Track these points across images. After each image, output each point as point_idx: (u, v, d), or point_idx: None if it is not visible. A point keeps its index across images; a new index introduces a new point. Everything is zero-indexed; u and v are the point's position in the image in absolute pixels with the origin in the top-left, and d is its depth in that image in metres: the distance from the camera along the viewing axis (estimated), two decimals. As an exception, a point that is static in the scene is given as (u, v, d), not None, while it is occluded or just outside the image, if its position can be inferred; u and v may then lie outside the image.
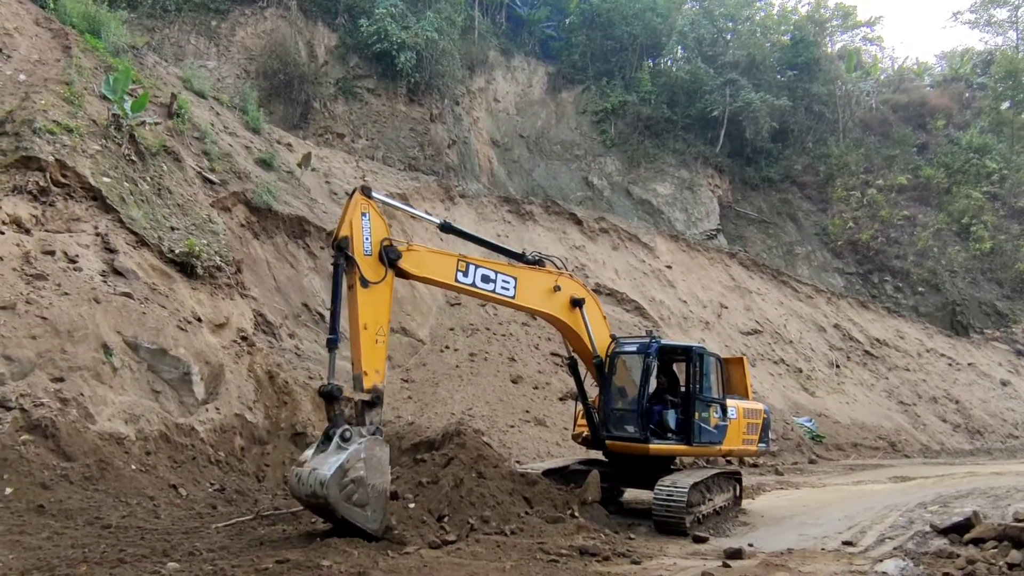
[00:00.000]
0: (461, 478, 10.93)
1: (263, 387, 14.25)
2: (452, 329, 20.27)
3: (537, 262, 11.94)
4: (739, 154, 37.15)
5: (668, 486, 11.17)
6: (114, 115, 15.42)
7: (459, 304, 21.39)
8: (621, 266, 27.42)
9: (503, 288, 11.16)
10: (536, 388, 18.87)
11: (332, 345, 9.62)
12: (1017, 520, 9.85)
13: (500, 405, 17.78)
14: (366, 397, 9.61)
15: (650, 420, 12.03)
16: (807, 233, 36.75)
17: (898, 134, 42.07)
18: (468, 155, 28.36)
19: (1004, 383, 32.45)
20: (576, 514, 10.80)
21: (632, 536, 10.78)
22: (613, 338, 12.70)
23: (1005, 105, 46.72)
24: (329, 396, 9.30)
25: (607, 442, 12.29)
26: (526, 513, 10.74)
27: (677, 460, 13.58)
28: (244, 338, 14.74)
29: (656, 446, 11.94)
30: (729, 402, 12.91)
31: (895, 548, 10.42)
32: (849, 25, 48.23)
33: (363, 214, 9.80)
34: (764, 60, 38.94)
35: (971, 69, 52.56)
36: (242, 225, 17.50)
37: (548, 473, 12.15)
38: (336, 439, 9.09)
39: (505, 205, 27.29)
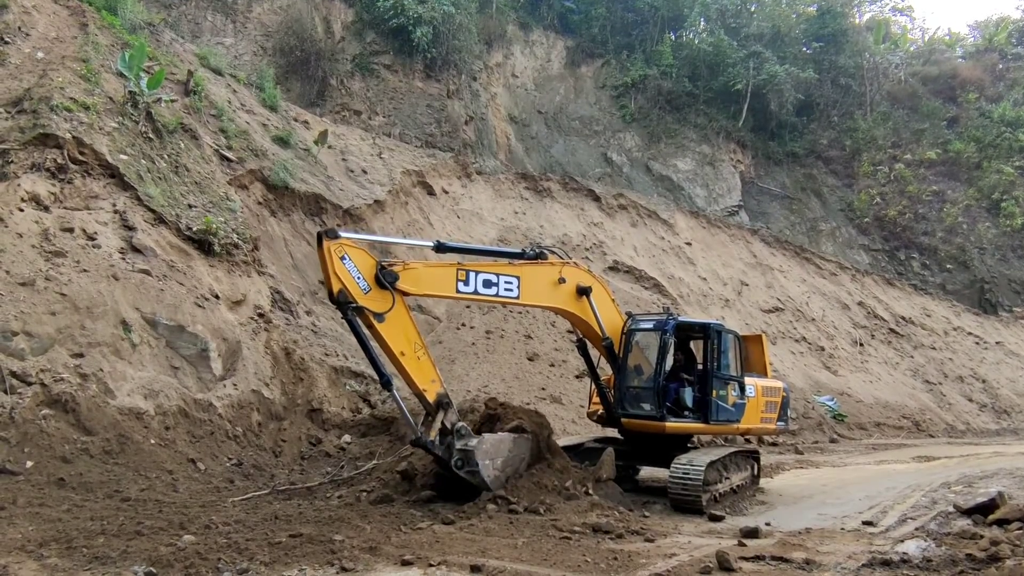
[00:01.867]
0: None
1: (280, 363, 14.32)
2: (468, 307, 20.19)
3: (539, 256, 11.70)
4: (762, 129, 36.45)
5: (684, 464, 11.08)
6: (130, 92, 15.43)
7: (477, 282, 21.33)
8: (640, 243, 27.13)
9: (507, 290, 11.04)
10: (552, 366, 18.79)
11: (388, 387, 10.20)
12: (1043, 501, 9.62)
13: (516, 383, 17.74)
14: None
15: (667, 398, 11.90)
16: (832, 209, 36.08)
17: (927, 107, 40.99)
18: (485, 131, 28.09)
19: (1033, 362, 31.82)
20: (590, 492, 10.77)
21: (647, 514, 10.73)
22: (629, 315, 12.59)
23: (1040, 76, 45.29)
24: (425, 447, 10.11)
25: (622, 420, 12.23)
26: (544, 489, 10.73)
27: (695, 438, 13.48)
28: (261, 315, 14.81)
29: (672, 424, 11.83)
30: (747, 380, 12.74)
31: (916, 528, 10.23)
32: (877, -4, 46.90)
33: (342, 258, 9.71)
34: (789, 32, 38.03)
35: (1006, 39, 50.85)
36: (259, 203, 17.52)
37: (563, 450, 12.07)
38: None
39: (523, 182, 27.06)
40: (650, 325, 12.31)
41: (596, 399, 12.85)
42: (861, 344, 28.21)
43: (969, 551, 8.08)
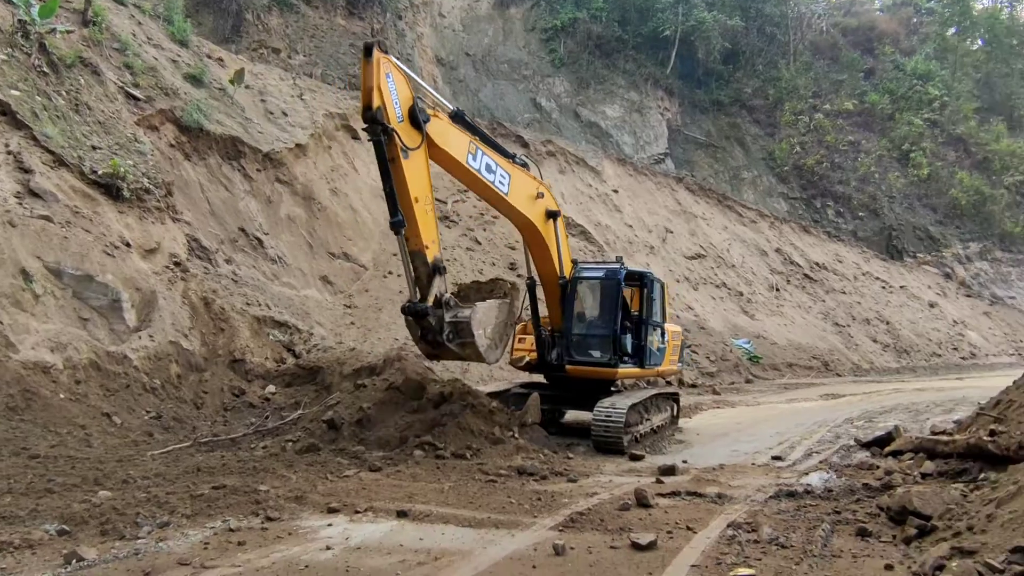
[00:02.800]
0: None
1: (199, 314, 13.86)
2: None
3: (523, 165, 11.71)
4: (690, 76, 36.75)
5: (607, 407, 11.41)
6: (20, 21, 14.19)
7: (403, 228, 21.02)
8: (568, 190, 27.21)
9: (500, 182, 10.97)
10: (481, 312, 18.86)
11: (399, 227, 9.45)
12: (933, 433, 10.36)
13: (443, 331, 17.73)
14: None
15: (620, 345, 12.18)
16: (754, 158, 36.99)
17: (846, 58, 42.16)
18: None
19: (932, 305, 33.93)
20: (516, 436, 10.98)
21: (571, 456, 11.03)
22: (574, 262, 12.69)
23: (951, 31, 47.12)
24: (419, 314, 9.62)
25: (568, 367, 12.27)
26: (470, 434, 10.88)
27: (619, 382, 13.87)
28: (177, 263, 14.22)
29: (622, 370, 12.21)
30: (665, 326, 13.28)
31: (820, 461, 10.92)
32: (803, -56, 47.39)
33: (387, 76, 9.10)
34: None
35: (920, -7, 52.58)
36: (171, 145, 16.60)
37: (490, 396, 12.23)
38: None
39: (450, 126, 26.56)
40: (600, 273, 12.48)
41: (520, 345, 12.92)
42: (777, 289, 29.42)
43: (866, 481, 8.69)
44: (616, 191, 28.97)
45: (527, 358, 12.81)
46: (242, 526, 6.91)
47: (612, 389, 13.05)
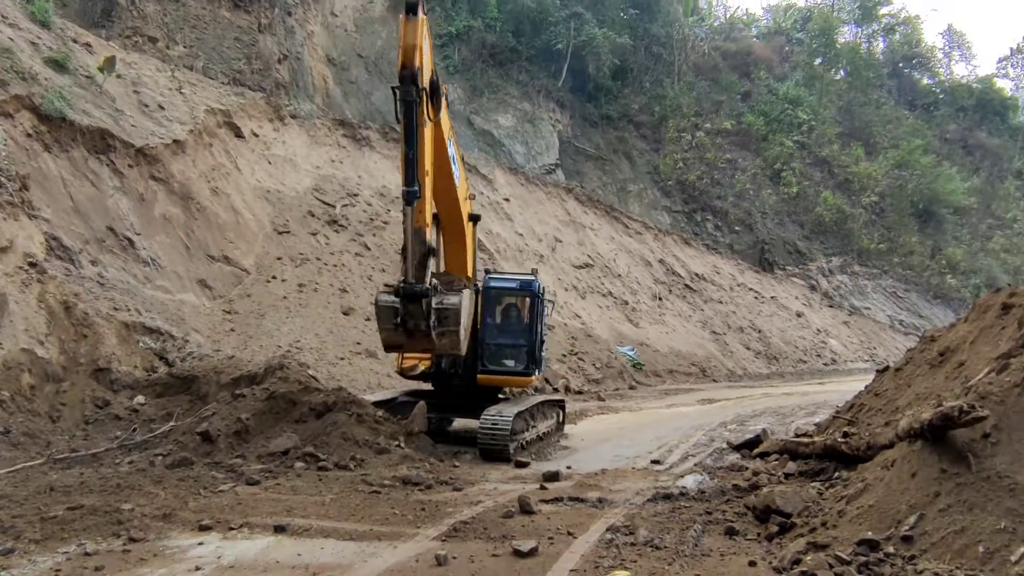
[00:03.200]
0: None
1: (57, 319, 12.79)
2: (280, 258, 19.25)
3: None
4: (581, 90, 37.72)
5: (494, 415, 11.46)
6: None
7: (288, 232, 20.32)
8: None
9: (457, 174, 10.91)
10: (369, 320, 18.45)
11: (413, 198, 8.81)
12: (796, 435, 11.07)
13: (330, 337, 17.29)
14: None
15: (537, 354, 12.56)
16: (640, 171, 38.39)
17: (726, 81, 44.58)
18: (301, 72, 26.45)
19: (799, 314, 36.39)
20: (402, 445, 10.84)
21: (457, 464, 11.01)
22: (486, 272, 13.04)
23: (818, 61, 50.90)
24: (417, 296, 9.09)
25: (479, 376, 12.41)
26: (355, 444, 10.64)
27: (507, 389, 14.02)
28: (33, 264, 13.06)
29: (533, 378, 12.69)
30: None
31: (695, 464, 11.45)
32: (689, -31, 49.84)
33: (424, 38, 8.86)
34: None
35: (792, 24, 56.49)
36: (28, 135, 15.27)
37: (376, 405, 12.02)
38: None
39: (340, 129, 25.96)
40: (516, 284, 12.79)
41: (413, 353, 12.71)
42: (660, 298, 30.64)
43: (735, 482, 9.17)
44: (507, 200, 29.26)
45: (420, 367, 12.65)
46: (100, 549, 6.44)
47: (500, 397, 13.15)
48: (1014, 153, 58.44)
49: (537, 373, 13.02)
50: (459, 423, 13.78)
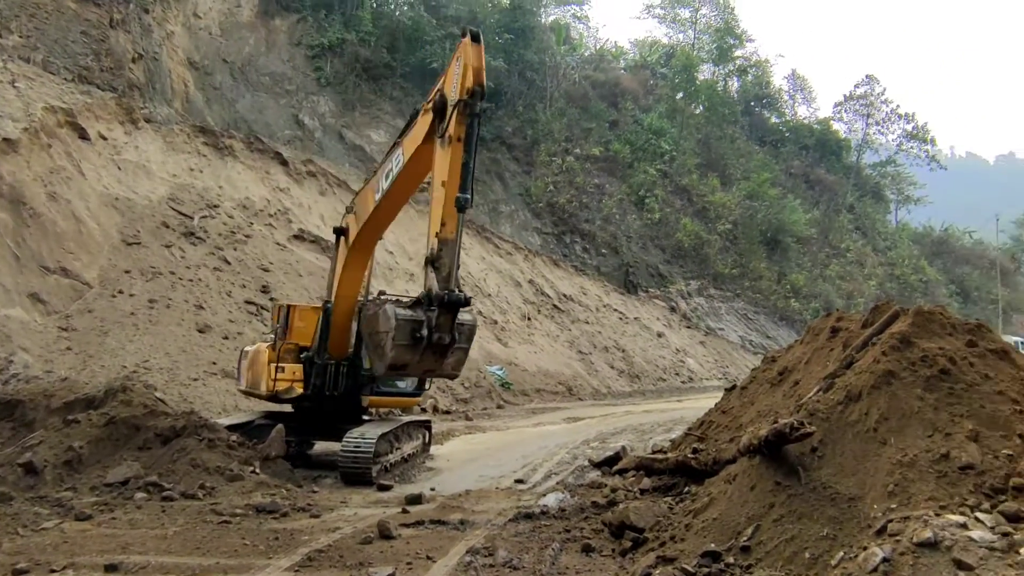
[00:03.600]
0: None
1: None
2: (128, 272, 17.87)
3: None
4: (455, 110, 37.93)
5: (356, 437, 11.15)
6: None
7: (138, 244, 18.93)
8: (328, 213, 26.51)
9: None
10: (226, 338, 17.54)
11: (466, 205, 9.12)
12: (653, 452, 11.53)
13: (183, 357, 16.20)
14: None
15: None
16: (512, 193, 39.06)
17: (595, 109, 46.41)
18: (158, 74, 24.88)
19: (660, 335, 38.19)
20: (257, 471, 10.31)
21: (316, 489, 10.61)
22: (382, 293, 12.68)
23: (679, 95, 54.20)
24: (456, 304, 9.08)
25: (370, 398, 12.50)
26: (205, 472, 10.01)
27: (375, 410, 13.76)
28: None
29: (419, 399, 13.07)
30: None
31: (557, 483, 11.62)
32: (562, 1, 51.75)
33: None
34: (485, 19, 40.02)
35: (656, 59, 59.90)
36: None
37: (229, 429, 11.38)
38: None
39: (201, 136, 24.60)
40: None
41: (286, 375, 12.06)
42: (529, 318, 31.18)
43: (595, 499, 9.38)
44: (379, 216, 28.79)
45: (296, 389, 12.04)
46: None
47: (364, 418, 12.82)
48: (847, 189, 64.64)
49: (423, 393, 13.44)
50: (320, 446, 13.31)
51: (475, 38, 9.68)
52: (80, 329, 15.61)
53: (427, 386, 13.59)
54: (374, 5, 37.22)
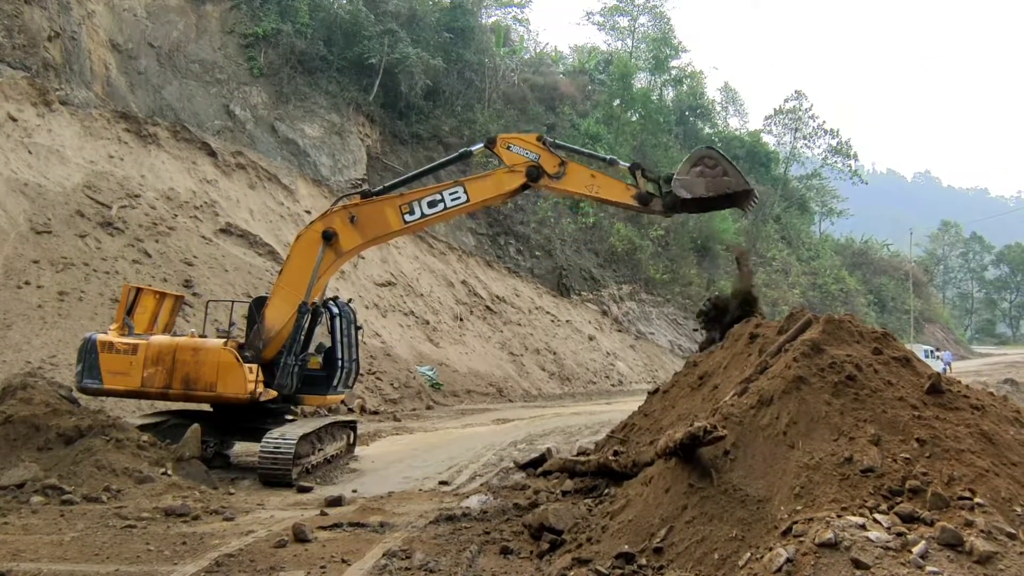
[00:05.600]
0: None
1: None
2: (36, 262, 16.93)
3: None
4: (392, 107, 37.54)
5: (276, 438, 10.86)
6: None
7: (48, 232, 17.97)
8: (257, 207, 25.81)
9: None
10: (144, 333, 16.81)
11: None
12: (578, 454, 11.61)
13: (95, 352, 15.42)
14: None
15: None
16: (448, 193, 38.79)
17: (533, 112, 46.66)
18: (77, 54, 23.66)
19: (591, 338, 38.65)
20: (169, 472, 9.90)
21: (232, 491, 10.28)
22: (335, 298, 13.25)
23: (616, 102, 55.00)
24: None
25: (329, 397, 12.86)
26: (111, 474, 9.55)
27: (301, 409, 13.48)
28: None
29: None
30: None
31: (481, 484, 11.57)
32: (502, 2, 51.89)
33: (508, 147, 11.83)
34: (424, 17, 39.71)
35: (595, 66, 60.67)
36: None
37: (141, 429, 10.90)
38: None
39: (122, 122, 23.53)
40: (337, 308, 13.01)
41: (260, 376, 11.47)
42: (461, 319, 31.06)
43: (517, 500, 9.37)
44: (309, 212, 28.18)
45: (270, 392, 11.50)
46: None
47: (287, 418, 12.50)
48: (774, 200, 66.96)
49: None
50: (241, 447, 12.91)
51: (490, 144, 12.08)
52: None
53: (351, 384, 13.69)
54: (312, -4, 36.42)
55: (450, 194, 11.83)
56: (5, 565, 6.44)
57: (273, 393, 11.51)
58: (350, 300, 14.05)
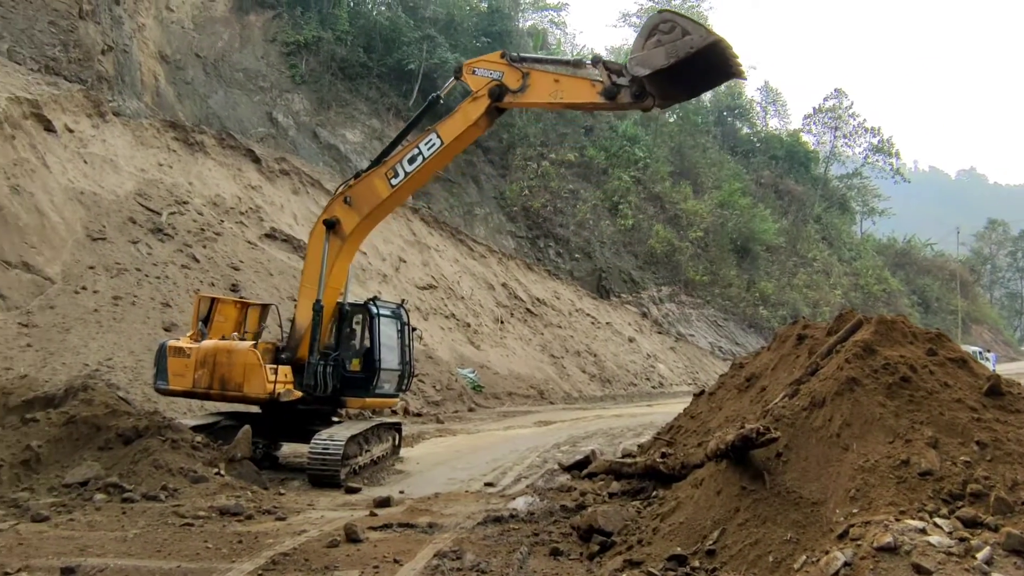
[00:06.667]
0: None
1: None
2: (92, 267, 17.51)
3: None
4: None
5: (325, 439, 11.06)
6: None
7: (103, 239, 18.57)
8: (300, 211, 26.29)
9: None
10: (195, 336, 17.27)
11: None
12: (623, 456, 11.59)
13: (148, 355, 15.82)
14: None
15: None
16: (487, 196, 39.05)
17: (570, 114, 46.56)
18: (128, 67, 24.44)
19: (631, 340, 38.44)
20: (222, 472, 10.16)
21: (283, 492, 10.49)
22: (375, 298, 13.14)
23: (653, 103, 54.55)
24: None
25: (369, 399, 12.68)
26: (167, 473, 9.83)
27: (344, 411, 13.67)
28: None
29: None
30: None
31: (527, 486, 11.61)
32: (539, 6, 51.97)
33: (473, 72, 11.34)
34: (462, 22, 40.00)
35: (631, 66, 60.25)
36: None
37: (195, 430, 11.20)
38: None
39: (171, 131, 24.21)
40: (388, 312, 13.10)
41: (279, 377, 11.71)
42: (502, 322, 31.18)
43: (563, 502, 9.39)
44: (352, 216, 28.61)
45: (294, 392, 11.72)
46: None
47: (334, 420, 12.72)
48: (815, 200, 65.79)
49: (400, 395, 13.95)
50: (289, 448, 13.17)
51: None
52: (41, 326, 15.24)
53: (406, 388, 13.62)
54: (351, 4, 36.98)
55: (426, 144, 11.62)
56: (74, 560, 6.68)
57: (298, 394, 11.67)
58: (403, 301, 14.00)
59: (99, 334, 15.81)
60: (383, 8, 38.59)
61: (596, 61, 10.59)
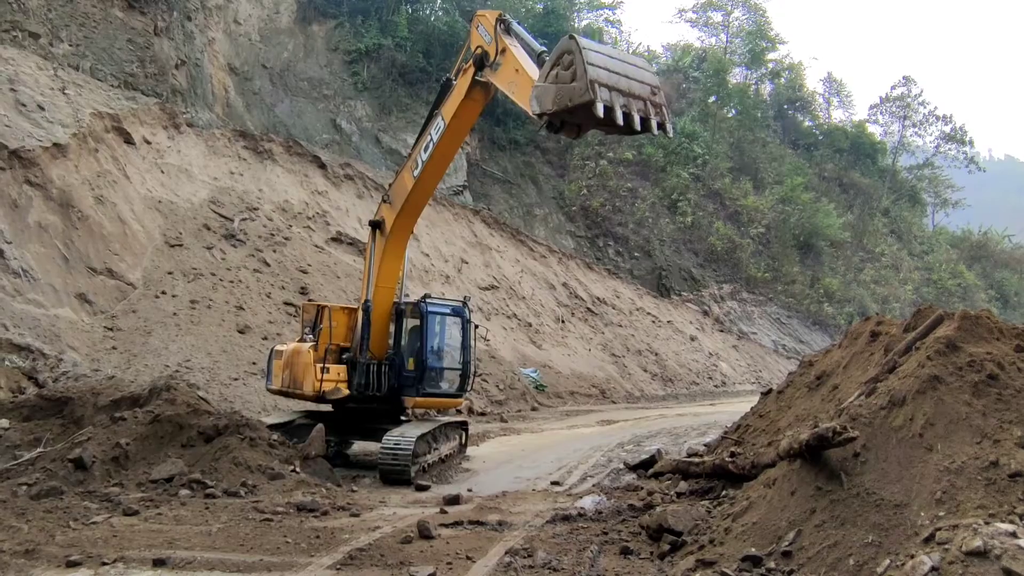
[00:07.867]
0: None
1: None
2: (171, 273, 18.33)
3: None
4: (490, 114, 38.09)
5: (396, 437, 11.31)
6: None
7: (180, 246, 19.39)
8: (365, 215, 26.70)
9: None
10: (266, 339, 17.87)
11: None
12: (689, 455, 11.47)
13: (223, 357, 16.55)
14: None
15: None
16: (546, 196, 39.08)
17: (627, 112, 46.17)
18: (200, 79, 25.45)
19: (692, 338, 37.87)
20: (297, 470, 10.49)
21: (355, 489, 10.76)
22: (427, 296, 13.32)
23: (711, 99, 53.69)
24: None
25: (416, 399, 12.63)
26: (247, 470, 10.22)
27: (410, 410, 13.91)
28: None
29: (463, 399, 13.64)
30: None
31: (593, 485, 11.63)
32: (595, 5, 51.68)
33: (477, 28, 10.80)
34: (518, 24, 40.08)
35: (689, 63, 59.44)
36: None
37: (271, 428, 11.60)
38: None
39: (241, 140, 25.11)
40: (448, 310, 13.15)
41: (331, 376, 12.14)
42: (563, 321, 31.17)
43: (631, 502, 9.38)
44: (414, 219, 29.06)
45: (342, 390, 12.17)
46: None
47: (402, 419, 12.97)
48: (882, 193, 63.43)
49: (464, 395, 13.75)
50: (358, 446, 13.50)
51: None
52: (125, 329, 16.03)
53: (468, 388, 13.64)
54: (409, 11, 37.52)
55: (435, 130, 11.51)
56: (164, 552, 7.02)
57: (346, 392, 12.08)
58: (467, 298, 13.96)
59: (178, 336, 16.53)
60: (440, 13, 38.99)
61: (541, 59, 9.13)
